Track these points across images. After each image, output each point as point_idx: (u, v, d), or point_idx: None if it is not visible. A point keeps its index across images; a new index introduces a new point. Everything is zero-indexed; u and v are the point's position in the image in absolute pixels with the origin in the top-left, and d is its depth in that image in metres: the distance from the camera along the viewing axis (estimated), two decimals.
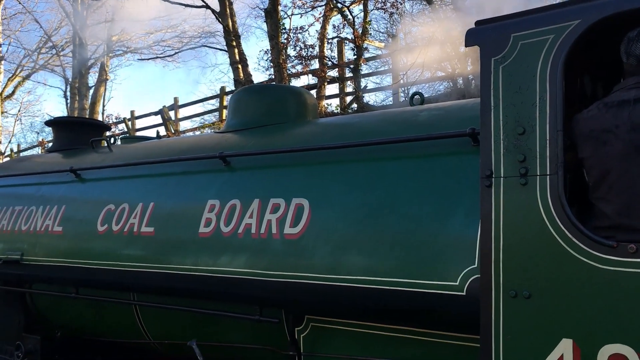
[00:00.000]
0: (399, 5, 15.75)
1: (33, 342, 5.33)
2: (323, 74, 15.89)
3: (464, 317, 2.75)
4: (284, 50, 16.01)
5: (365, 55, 16.57)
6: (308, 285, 3.29)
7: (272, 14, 15.60)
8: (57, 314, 5.51)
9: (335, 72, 16.44)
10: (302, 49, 16.37)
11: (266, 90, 5.31)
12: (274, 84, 14.20)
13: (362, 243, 3.18)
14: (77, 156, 5.93)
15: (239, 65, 16.80)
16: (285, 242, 3.47)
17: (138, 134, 21.03)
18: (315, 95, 12.20)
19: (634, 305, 2.24)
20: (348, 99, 16.24)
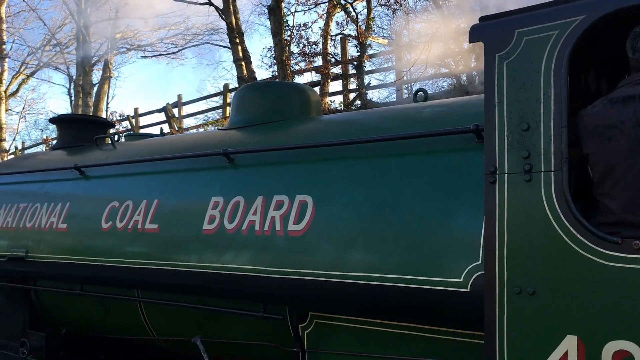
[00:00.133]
0: (403, 2, 15.70)
1: (38, 339, 5.35)
2: (326, 70, 15.87)
3: (468, 314, 2.74)
4: (287, 47, 15.99)
5: (368, 52, 16.56)
6: (312, 282, 3.29)
7: (275, 11, 15.59)
8: (61, 311, 5.53)
9: (338, 69, 16.42)
10: (305, 46, 16.36)
11: (269, 87, 5.30)
12: (278, 81, 14.19)
13: (366, 240, 3.18)
14: (81, 153, 5.94)
15: (243, 63, 16.80)
16: (289, 238, 3.47)
17: (142, 131, 21.07)
18: (318, 92, 12.18)
19: (639, 301, 2.24)
20: (351, 95, 16.23)
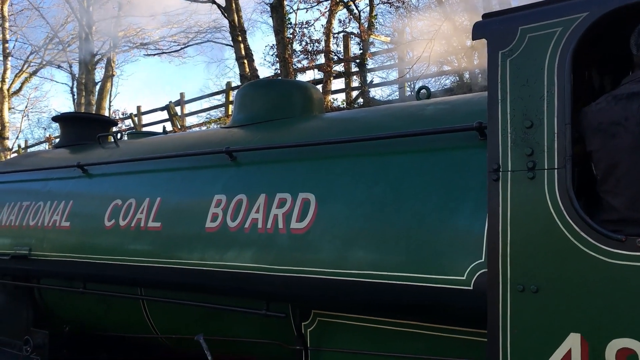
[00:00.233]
0: None
1: (41, 336, 5.36)
2: (329, 68, 15.86)
3: (471, 312, 2.74)
4: (290, 45, 15.99)
5: (371, 49, 16.54)
6: (315, 280, 3.29)
7: (277, 9, 15.59)
8: (65, 308, 5.54)
9: (341, 67, 16.41)
10: (307, 44, 16.36)
11: (272, 85, 5.31)
12: (280, 78, 14.19)
13: (369, 238, 3.17)
14: (84, 152, 5.95)
15: (245, 60, 16.81)
16: (291, 236, 3.47)
17: (144, 129, 21.09)
18: (321, 90, 12.17)
19: None
20: (354, 93, 16.22)
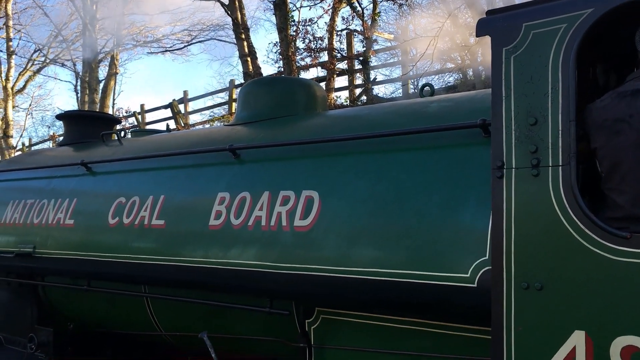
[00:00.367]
0: None
1: (46, 334, 5.37)
2: (332, 66, 15.85)
3: (475, 309, 2.73)
4: (293, 43, 15.98)
5: (374, 47, 16.52)
6: (318, 278, 3.29)
7: (281, 7, 15.56)
8: (69, 306, 5.55)
9: (344, 65, 16.40)
10: (311, 41, 16.35)
11: (275, 82, 5.29)
12: (283, 76, 14.18)
13: (373, 235, 3.17)
14: (88, 149, 5.96)
15: (248, 58, 16.81)
16: (295, 234, 3.47)
17: (148, 127, 21.14)
18: (324, 88, 12.17)
19: None
20: (357, 91, 16.20)
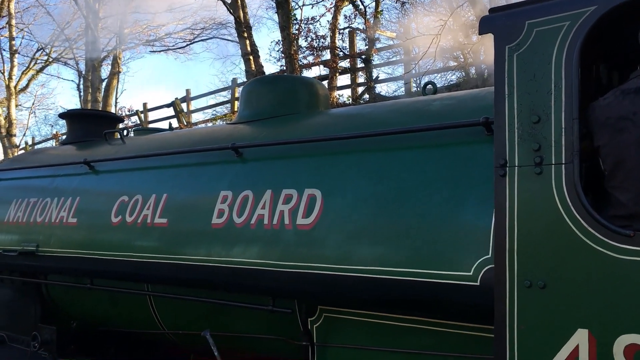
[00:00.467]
0: None
1: (49, 332, 5.38)
2: (334, 64, 15.85)
3: (478, 308, 2.73)
4: (296, 41, 15.97)
5: (376, 45, 16.51)
6: (321, 276, 3.29)
7: (283, 5, 15.56)
8: (72, 304, 5.56)
9: (346, 63, 16.39)
10: (313, 40, 16.35)
11: (278, 81, 5.29)
12: (286, 74, 14.18)
13: (375, 233, 3.17)
14: (91, 148, 5.96)
15: (251, 57, 16.80)
16: (297, 232, 3.47)
17: (151, 126, 21.15)
18: (326, 86, 12.15)
19: None
20: (360, 89, 16.19)
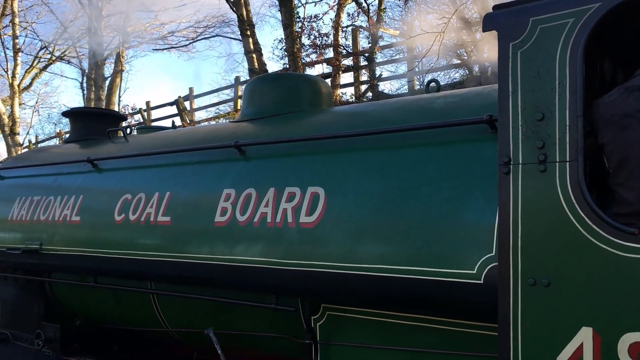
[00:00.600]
0: None
1: (53, 330, 5.40)
2: (337, 62, 15.83)
3: (482, 306, 2.72)
4: (299, 39, 15.96)
5: (379, 43, 16.48)
6: (324, 274, 3.28)
7: (286, 3, 15.54)
8: (75, 302, 5.57)
9: (349, 61, 16.37)
10: (316, 38, 16.34)
11: (281, 79, 5.28)
12: (289, 72, 14.17)
13: (378, 231, 3.16)
14: (94, 146, 5.97)
15: (254, 55, 16.80)
16: (300, 230, 3.47)
17: (154, 124, 21.16)
18: (329, 84, 12.14)
19: None
20: (363, 87, 16.18)
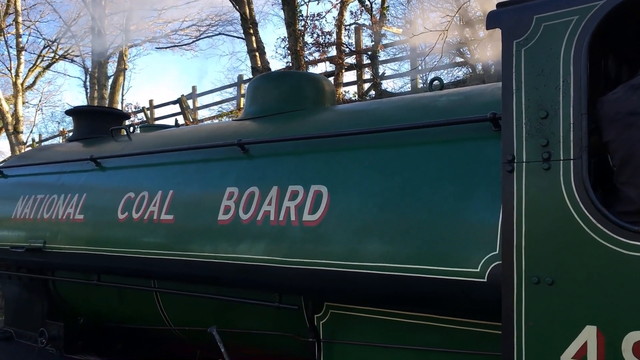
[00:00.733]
0: None
1: (56, 328, 5.42)
2: (340, 61, 15.81)
3: (485, 304, 2.72)
4: (302, 38, 15.93)
5: (383, 41, 16.46)
6: (327, 272, 3.28)
7: (289, 1, 15.51)
8: (79, 300, 5.59)
9: (352, 59, 16.35)
10: (319, 36, 16.31)
11: (284, 77, 5.28)
12: (292, 71, 14.16)
13: (382, 229, 3.16)
14: (97, 145, 5.98)
15: (257, 53, 16.78)
16: (304, 229, 3.46)
17: (157, 122, 21.19)
18: (332, 82, 12.13)
19: None
20: (366, 85, 16.15)
